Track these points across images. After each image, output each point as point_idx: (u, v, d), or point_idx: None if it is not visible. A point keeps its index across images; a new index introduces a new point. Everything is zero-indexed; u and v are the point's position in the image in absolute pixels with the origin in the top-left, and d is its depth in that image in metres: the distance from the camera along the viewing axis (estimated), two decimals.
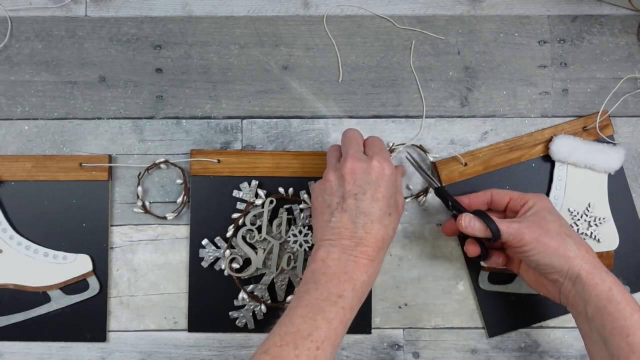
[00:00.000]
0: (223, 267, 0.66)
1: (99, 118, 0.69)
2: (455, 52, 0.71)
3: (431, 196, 0.68)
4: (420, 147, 0.68)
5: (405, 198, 0.68)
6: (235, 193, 0.67)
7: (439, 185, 0.65)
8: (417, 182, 0.69)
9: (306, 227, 0.66)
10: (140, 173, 0.67)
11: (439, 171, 0.68)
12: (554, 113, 0.70)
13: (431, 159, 0.68)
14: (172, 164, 0.68)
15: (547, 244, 0.55)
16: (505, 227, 0.56)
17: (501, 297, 0.67)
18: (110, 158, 0.67)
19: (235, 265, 0.66)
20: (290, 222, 0.67)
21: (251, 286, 0.66)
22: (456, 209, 0.62)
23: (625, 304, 0.53)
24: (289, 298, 0.66)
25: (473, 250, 0.61)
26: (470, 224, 0.58)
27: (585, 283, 0.54)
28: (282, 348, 0.47)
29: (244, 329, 0.66)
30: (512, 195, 0.61)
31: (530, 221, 0.57)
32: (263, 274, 0.66)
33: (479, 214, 0.59)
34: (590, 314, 0.54)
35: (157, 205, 0.68)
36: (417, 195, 0.68)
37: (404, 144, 0.69)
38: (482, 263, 0.65)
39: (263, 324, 0.66)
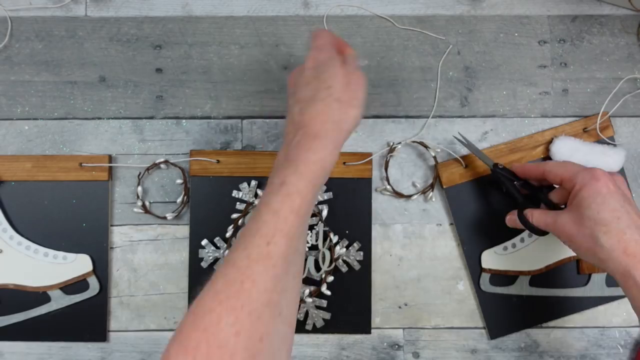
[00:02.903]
0: None
1: (99, 118, 0.69)
2: (455, 52, 0.71)
3: (437, 192, 0.68)
4: (422, 144, 0.68)
5: (410, 195, 0.68)
6: (234, 193, 0.67)
7: (494, 165, 0.65)
8: (422, 178, 0.69)
9: None
10: (140, 173, 0.68)
11: (439, 173, 0.68)
12: (554, 113, 0.70)
13: (433, 154, 0.68)
14: (172, 164, 0.68)
15: (579, 244, 0.54)
16: (544, 224, 0.57)
17: (502, 299, 0.67)
18: (110, 158, 0.67)
19: None
20: None
21: None
22: (512, 194, 0.63)
23: None
24: None
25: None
26: (514, 224, 0.62)
27: (621, 284, 0.52)
28: (233, 253, 0.45)
29: None
30: (563, 177, 0.57)
31: (568, 215, 0.55)
32: None
33: (520, 212, 0.61)
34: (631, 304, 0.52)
35: (157, 205, 0.68)
36: (424, 191, 0.68)
37: (399, 143, 0.69)
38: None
39: None
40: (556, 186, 0.61)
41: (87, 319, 0.66)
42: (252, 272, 0.43)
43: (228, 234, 0.66)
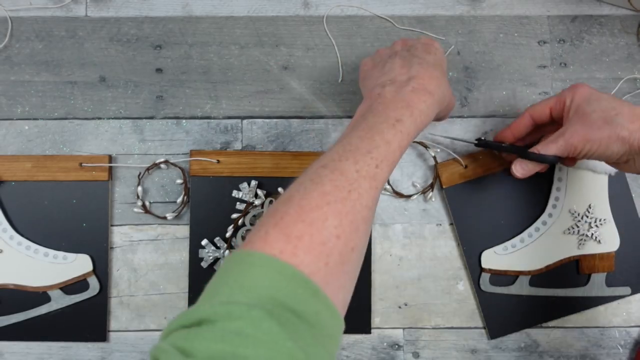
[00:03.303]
0: None
1: (99, 118, 0.69)
2: (455, 52, 0.71)
3: (437, 192, 0.68)
4: (421, 144, 0.68)
5: (410, 196, 0.68)
6: (234, 193, 0.67)
7: (477, 140, 0.65)
8: (422, 178, 0.69)
9: None
10: (140, 173, 0.68)
11: (439, 173, 0.68)
12: None
13: (432, 154, 0.68)
14: (172, 164, 0.68)
15: (598, 138, 0.53)
16: (554, 147, 0.56)
17: (502, 299, 0.67)
18: (110, 158, 0.67)
19: None
20: None
21: None
22: (506, 151, 0.63)
23: None
24: None
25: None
26: (526, 170, 0.59)
27: None
28: (341, 163, 0.45)
29: None
30: (550, 105, 0.59)
31: (573, 124, 0.55)
32: None
33: (524, 154, 0.59)
34: None
35: (157, 205, 0.68)
36: (424, 191, 0.68)
37: None
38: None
39: None
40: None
41: (87, 319, 0.66)
42: (359, 185, 0.45)
43: (228, 234, 0.66)
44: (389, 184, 0.68)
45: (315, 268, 0.40)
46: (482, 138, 0.65)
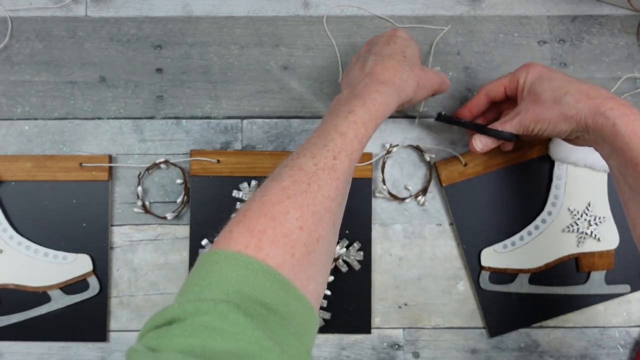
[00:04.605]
0: None
1: (99, 118, 0.69)
2: (455, 52, 0.71)
3: (430, 196, 0.68)
4: (417, 148, 0.69)
5: (404, 198, 0.68)
6: (235, 193, 0.67)
7: (437, 114, 0.66)
8: (422, 178, 0.69)
9: None
10: (140, 173, 0.68)
11: (439, 171, 0.68)
12: None
13: (428, 159, 0.68)
14: (172, 164, 0.68)
15: (548, 118, 0.56)
16: (510, 126, 0.58)
17: (502, 297, 0.67)
18: (110, 158, 0.67)
19: None
20: None
21: None
22: (465, 126, 0.64)
23: (632, 135, 0.51)
24: None
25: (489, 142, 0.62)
26: (484, 145, 0.61)
27: (594, 129, 0.53)
28: (299, 159, 0.47)
29: None
30: (505, 84, 0.62)
31: (526, 103, 0.58)
32: None
33: (482, 129, 0.61)
34: (608, 153, 0.54)
35: (157, 205, 0.68)
36: (417, 195, 0.68)
37: (396, 145, 0.69)
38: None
39: None
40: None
41: (87, 319, 0.66)
42: (318, 177, 0.46)
43: None
44: (384, 185, 0.68)
45: (281, 260, 0.41)
46: (443, 113, 0.66)
